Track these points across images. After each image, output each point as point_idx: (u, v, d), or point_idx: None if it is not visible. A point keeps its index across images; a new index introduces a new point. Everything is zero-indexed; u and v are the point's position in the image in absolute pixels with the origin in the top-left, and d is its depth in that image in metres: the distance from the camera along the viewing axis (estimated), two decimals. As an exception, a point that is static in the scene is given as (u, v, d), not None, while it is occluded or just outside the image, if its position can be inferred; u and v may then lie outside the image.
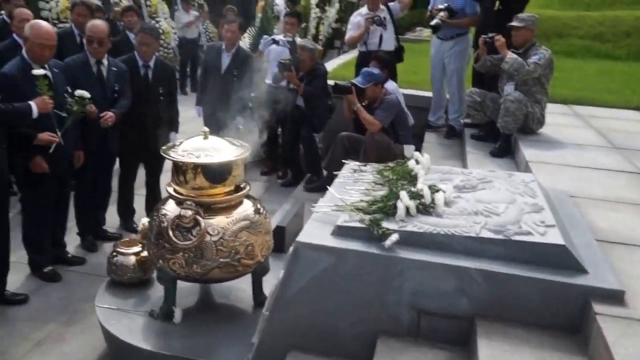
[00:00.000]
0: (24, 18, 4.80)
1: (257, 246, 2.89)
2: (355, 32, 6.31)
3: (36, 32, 3.72)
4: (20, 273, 4.13)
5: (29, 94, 3.65)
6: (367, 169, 3.07)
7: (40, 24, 3.88)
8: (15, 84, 3.66)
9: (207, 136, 2.91)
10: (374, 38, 6.08)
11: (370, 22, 6.01)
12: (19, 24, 4.79)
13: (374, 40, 6.08)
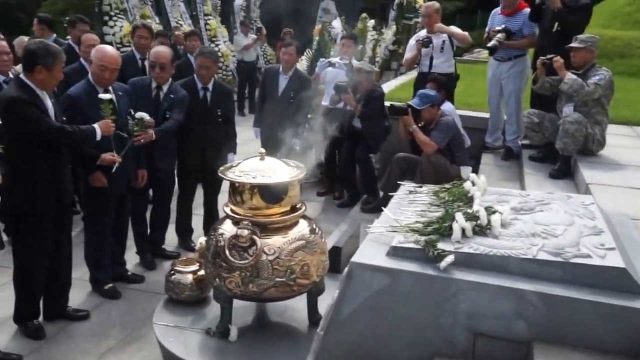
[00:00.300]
0: (90, 44, 5.00)
1: (313, 266, 2.90)
2: (409, 54, 6.36)
3: (99, 55, 3.90)
4: (82, 290, 4.26)
5: (92, 115, 3.80)
6: (423, 190, 3.06)
7: (105, 48, 4.07)
8: (80, 105, 3.86)
9: (263, 157, 2.97)
10: (425, 60, 6.08)
11: (420, 45, 6.03)
12: (86, 49, 5.01)
13: (425, 62, 6.08)
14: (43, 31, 6.35)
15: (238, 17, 13.73)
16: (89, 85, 3.96)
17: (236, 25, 13.23)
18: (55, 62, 3.39)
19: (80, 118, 3.78)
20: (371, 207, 5.70)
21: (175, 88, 4.62)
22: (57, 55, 3.41)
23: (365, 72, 5.91)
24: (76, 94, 3.90)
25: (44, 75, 3.38)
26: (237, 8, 13.95)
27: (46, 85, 3.44)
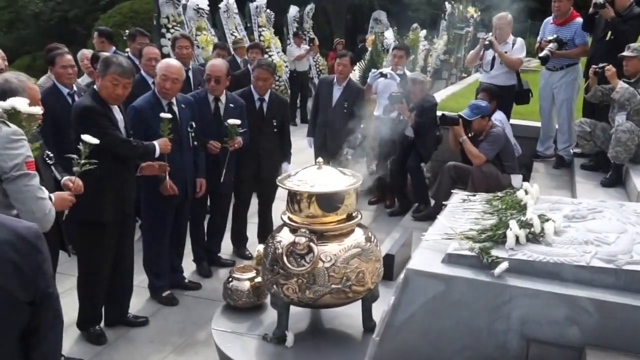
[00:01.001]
0: (152, 57, 5.14)
1: (368, 273, 2.95)
2: (471, 52, 6.46)
3: (162, 66, 4.09)
4: (140, 296, 4.38)
5: (155, 127, 3.96)
6: (476, 198, 3.09)
7: (169, 60, 4.27)
8: (143, 117, 4.01)
9: (321, 166, 3.05)
10: (486, 59, 6.04)
11: (483, 44, 6.00)
12: (147, 62, 5.13)
13: (486, 61, 6.03)
14: (103, 44, 6.50)
15: (291, 28, 13.95)
16: (154, 97, 4.12)
17: (289, 36, 13.44)
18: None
19: (142, 129, 3.95)
20: (422, 215, 5.74)
21: (233, 97, 4.75)
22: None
23: (419, 83, 5.98)
24: (140, 106, 4.06)
25: (98, 83, 3.57)
26: (290, 19, 14.17)
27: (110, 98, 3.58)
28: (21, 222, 1.49)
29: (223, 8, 10.81)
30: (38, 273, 1.44)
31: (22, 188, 2.53)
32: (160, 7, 8.30)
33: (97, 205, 3.56)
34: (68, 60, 4.72)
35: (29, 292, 1.43)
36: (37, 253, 1.44)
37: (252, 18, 12.08)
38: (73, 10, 22.03)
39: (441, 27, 14.32)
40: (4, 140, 2.48)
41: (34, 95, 2.91)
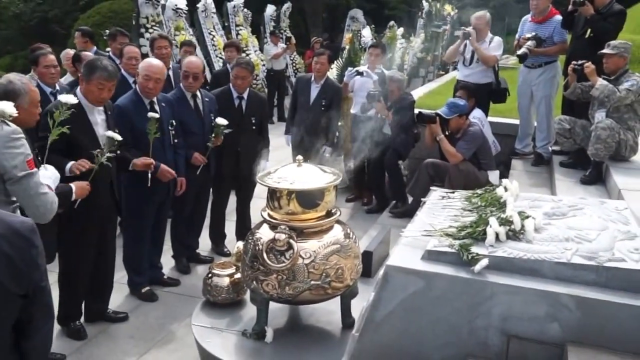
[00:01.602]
0: (132, 56, 5.18)
1: (347, 270, 2.97)
2: (450, 47, 6.42)
3: (144, 66, 4.11)
4: (120, 293, 4.37)
5: (138, 123, 4.00)
6: (455, 195, 3.11)
7: (151, 60, 4.29)
8: (127, 115, 4.02)
9: (300, 164, 3.05)
10: (467, 54, 6.06)
11: (462, 34, 5.99)
12: (127, 62, 5.17)
13: (467, 56, 6.05)
14: (86, 43, 6.53)
15: (268, 27, 13.95)
16: (136, 96, 4.14)
17: (266, 35, 13.44)
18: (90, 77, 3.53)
19: (128, 128, 3.96)
20: (400, 212, 5.76)
21: (205, 92, 4.80)
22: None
23: (396, 81, 5.99)
24: (124, 105, 4.08)
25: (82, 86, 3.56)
26: (267, 18, 14.16)
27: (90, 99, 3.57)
28: (17, 217, 1.56)
29: (201, 8, 10.79)
30: (32, 266, 1.49)
31: (27, 188, 2.62)
32: (140, 7, 8.28)
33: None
34: (51, 60, 4.78)
35: (22, 285, 1.47)
36: (31, 247, 1.49)
37: (229, 17, 12.06)
38: (53, 10, 22.07)
39: (418, 25, 14.41)
40: (5, 139, 2.52)
41: (34, 97, 2.95)
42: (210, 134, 4.59)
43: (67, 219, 3.52)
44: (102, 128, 3.66)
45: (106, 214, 3.81)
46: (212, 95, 4.88)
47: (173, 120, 4.31)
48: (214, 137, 4.58)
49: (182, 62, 4.75)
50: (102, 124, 3.67)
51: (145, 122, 3.99)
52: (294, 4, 16.69)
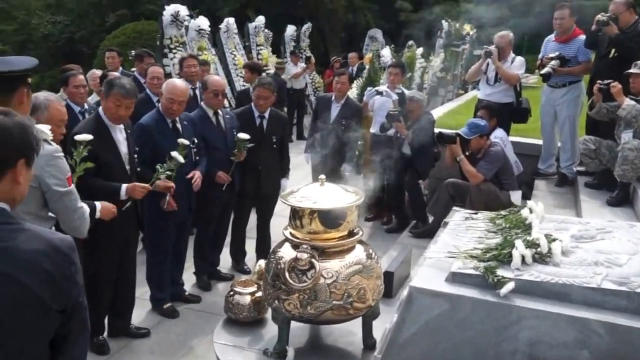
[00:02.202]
0: (155, 76, 5.35)
1: (369, 290, 2.93)
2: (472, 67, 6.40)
3: (169, 88, 4.17)
4: (143, 308, 4.41)
5: (161, 143, 4.07)
6: (479, 217, 3.08)
7: (175, 81, 4.36)
8: (150, 134, 4.10)
9: (323, 183, 3.05)
10: (489, 72, 6.03)
11: (484, 52, 5.98)
12: (151, 81, 5.34)
13: (490, 75, 6.02)
14: (115, 61, 6.81)
15: (288, 47, 14.09)
16: (159, 115, 4.22)
17: (286, 55, 13.57)
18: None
19: (150, 146, 4.05)
20: (420, 232, 5.71)
21: (225, 110, 4.89)
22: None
23: (416, 101, 5.99)
24: (147, 123, 4.15)
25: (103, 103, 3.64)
26: (287, 38, 14.32)
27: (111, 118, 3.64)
28: (56, 234, 1.58)
29: (223, 28, 10.96)
30: (71, 283, 1.52)
31: (66, 204, 2.71)
32: (164, 28, 8.45)
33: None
34: (80, 81, 4.94)
35: (61, 301, 1.50)
36: (70, 264, 1.52)
37: (250, 37, 12.20)
38: (80, 31, 22.83)
39: (437, 44, 14.41)
40: (47, 158, 2.60)
41: (54, 114, 3.03)
42: (232, 149, 4.66)
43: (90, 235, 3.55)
44: (124, 146, 3.73)
45: (128, 230, 3.85)
46: (232, 113, 4.96)
47: (195, 138, 4.36)
48: (237, 151, 4.65)
49: (206, 81, 4.81)
50: (123, 142, 3.74)
51: (167, 141, 4.07)
52: (313, 24, 16.85)
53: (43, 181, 2.61)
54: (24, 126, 1.52)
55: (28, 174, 1.56)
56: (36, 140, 1.56)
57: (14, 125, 1.49)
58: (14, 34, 26.26)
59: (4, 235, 1.45)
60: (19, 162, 1.50)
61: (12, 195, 1.53)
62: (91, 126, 3.59)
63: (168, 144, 4.04)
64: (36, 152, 1.56)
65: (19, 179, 1.52)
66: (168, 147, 4.03)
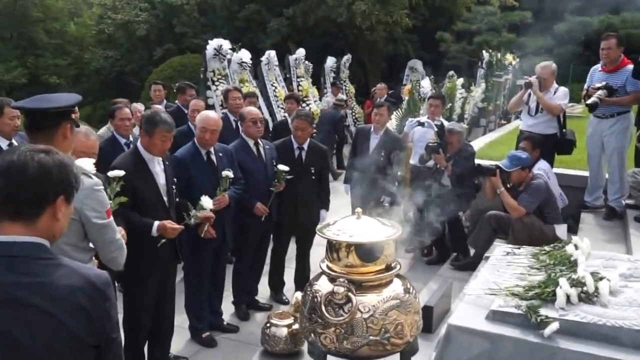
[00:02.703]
0: (196, 109, 5.48)
1: (407, 326, 2.86)
2: (514, 97, 6.32)
3: (201, 118, 4.28)
4: (181, 337, 4.42)
5: (195, 174, 4.18)
6: (521, 252, 2.99)
7: (207, 112, 4.46)
8: (185, 166, 4.18)
9: (360, 216, 3.02)
10: (531, 103, 5.93)
11: (524, 83, 5.91)
12: (192, 114, 5.47)
13: (532, 105, 5.93)
14: (160, 94, 7.01)
15: (328, 78, 14.23)
16: (194, 147, 4.30)
17: (326, 86, 13.70)
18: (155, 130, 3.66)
19: (185, 178, 4.12)
20: (461, 265, 5.60)
21: (264, 141, 4.94)
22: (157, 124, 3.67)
23: (456, 133, 5.91)
24: (182, 156, 4.24)
25: (144, 140, 3.69)
26: (327, 69, 14.48)
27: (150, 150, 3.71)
28: (93, 270, 1.61)
29: (264, 61, 11.19)
30: (105, 319, 1.54)
31: (105, 236, 2.76)
32: (208, 61, 8.70)
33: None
34: (126, 114, 5.13)
35: (96, 336, 1.52)
36: (105, 300, 1.54)
37: (291, 69, 12.40)
38: (129, 65, 23.89)
39: (479, 74, 14.33)
40: (88, 191, 2.65)
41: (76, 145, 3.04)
42: (272, 180, 4.72)
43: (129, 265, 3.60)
44: (162, 178, 3.79)
45: (167, 260, 3.89)
46: (271, 144, 5.02)
47: (231, 170, 4.40)
48: (277, 182, 4.71)
49: (242, 112, 4.89)
50: (161, 174, 3.79)
51: (202, 173, 4.19)
52: (353, 55, 17.01)
53: (83, 214, 2.66)
54: (64, 164, 1.57)
55: (67, 210, 1.61)
56: (75, 178, 1.60)
57: (54, 163, 1.54)
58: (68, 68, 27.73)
59: (42, 271, 1.49)
60: (58, 199, 1.55)
61: (52, 231, 1.57)
62: (129, 160, 3.66)
63: (203, 176, 4.16)
64: (75, 188, 1.61)
65: (57, 216, 1.56)
66: (203, 179, 4.14)
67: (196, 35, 21.61)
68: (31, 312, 1.44)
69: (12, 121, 4.29)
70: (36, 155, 1.53)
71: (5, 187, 1.50)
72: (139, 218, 3.60)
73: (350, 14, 18.19)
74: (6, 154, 1.56)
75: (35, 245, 1.51)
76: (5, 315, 1.44)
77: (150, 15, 23.58)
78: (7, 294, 1.45)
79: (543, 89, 5.77)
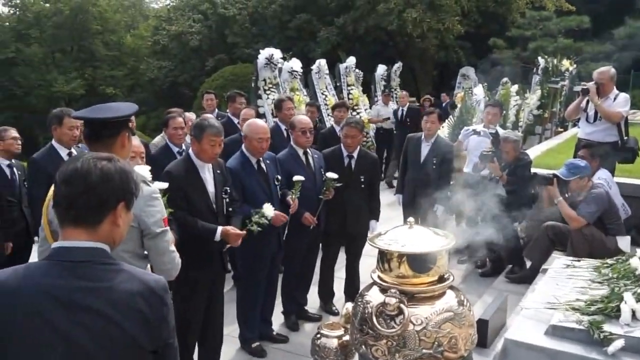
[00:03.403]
0: (246, 118, 5.46)
1: (461, 339, 2.79)
2: (571, 105, 6.15)
3: (252, 128, 4.29)
4: (231, 346, 4.43)
5: (247, 184, 4.21)
6: (582, 264, 2.88)
7: (256, 121, 4.47)
8: (237, 175, 4.21)
9: (412, 226, 2.97)
10: (590, 110, 5.74)
11: (581, 91, 5.73)
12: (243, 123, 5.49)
13: (590, 112, 5.74)
14: (212, 103, 7.17)
15: (379, 86, 14.19)
16: (243, 156, 4.33)
17: (377, 94, 13.66)
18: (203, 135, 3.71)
19: (238, 187, 4.17)
20: (517, 277, 5.45)
21: (313, 150, 4.94)
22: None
23: (512, 142, 5.74)
24: (234, 167, 4.27)
25: (195, 146, 3.74)
26: (378, 78, 14.45)
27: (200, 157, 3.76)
28: (151, 276, 1.63)
29: (315, 69, 11.27)
30: (163, 324, 1.55)
31: (160, 244, 2.79)
32: (259, 70, 8.83)
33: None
34: (179, 123, 5.24)
35: (153, 341, 1.54)
36: (163, 305, 1.56)
37: (341, 78, 12.43)
38: (182, 75, 24.57)
39: (534, 81, 13.97)
40: (146, 198, 2.69)
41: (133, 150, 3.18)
42: (321, 189, 4.71)
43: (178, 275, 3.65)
44: (211, 185, 3.82)
45: (215, 271, 3.90)
46: (320, 153, 5.01)
47: (278, 176, 4.46)
48: (326, 190, 4.70)
49: (292, 121, 4.89)
50: (211, 182, 3.83)
51: (254, 181, 4.23)
52: (404, 63, 16.90)
53: (142, 220, 2.70)
54: (125, 171, 1.60)
55: (127, 216, 1.64)
56: (135, 185, 1.63)
57: (116, 170, 1.58)
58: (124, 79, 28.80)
59: (103, 275, 1.52)
60: (119, 206, 1.58)
61: (112, 237, 1.60)
62: (182, 166, 3.73)
63: (255, 185, 4.21)
64: (135, 195, 1.64)
65: (118, 222, 1.59)
66: (255, 188, 4.18)
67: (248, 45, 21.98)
68: (93, 317, 1.47)
69: (71, 131, 4.43)
70: (99, 162, 1.57)
71: (69, 194, 1.54)
72: (202, 223, 3.66)
73: (401, 21, 18.10)
74: (70, 162, 1.60)
75: (97, 251, 1.54)
76: (69, 319, 1.47)
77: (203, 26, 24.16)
78: (71, 299, 1.48)
79: (602, 95, 5.56)
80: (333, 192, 4.73)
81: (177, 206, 3.43)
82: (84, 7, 28.22)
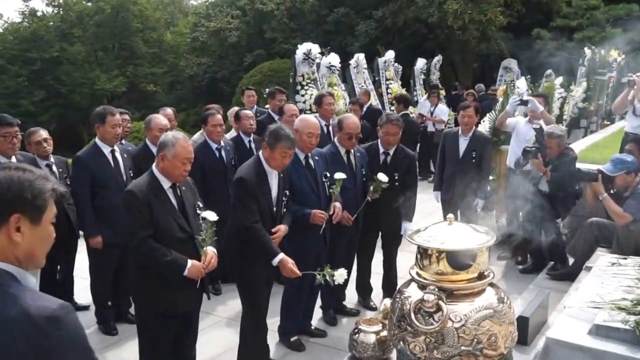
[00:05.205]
0: (292, 114, 5.59)
1: (501, 337, 2.76)
2: (618, 98, 6.01)
3: (303, 123, 4.28)
4: (270, 339, 4.36)
5: (294, 179, 4.21)
6: (628, 262, 2.80)
7: (307, 117, 4.47)
8: (284, 170, 4.12)
9: (451, 222, 2.94)
10: (638, 102, 5.56)
11: (628, 83, 5.58)
12: (288, 119, 5.53)
13: (638, 105, 5.56)
14: (252, 100, 7.32)
15: (418, 80, 14.06)
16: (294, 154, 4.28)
17: (416, 88, 13.53)
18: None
19: (289, 186, 4.16)
20: (559, 274, 5.34)
21: (356, 148, 4.87)
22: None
23: (556, 137, 5.59)
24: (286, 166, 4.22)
25: (266, 152, 3.79)
26: (417, 71, 14.30)
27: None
28: (41, 301, 1.40)
29: (353, 64, 11.23)
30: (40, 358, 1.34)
31: None
32: (297, 66, 8.85)
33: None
34: (218, 120, 5.31)
35: None
36: (43, 337, 1.34)
37: (380, 72, 12.35)
38: (221, 71, 24.89)
39: (579, 72, 13.59)
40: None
41: (179, 152, 3.26)
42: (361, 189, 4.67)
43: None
44: (275, 190, 3.89)
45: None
46: (363, 150, 4.95)
47: (327, 172, 4.43)
48: (374, 192, 4.63)
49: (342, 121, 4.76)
50: (275, 187, 3.90)
51: (301, 178, 4.23)
52: (444, 55, 16.67)
53: None
54: (21, 181, 1.43)
55: (35, 231, 1.46)
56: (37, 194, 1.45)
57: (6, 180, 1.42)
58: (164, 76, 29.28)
59: None
60: (11, 218, 1.42)
61: (14, 254, 1.43)
62: (253, 171, 3.78)
63: (303, 181, 4.23)
64: (38, 207, 1.46)
65: (14, 237, 1.42)
66: (303, 184, 4.21)
67: (285, 40, 22.05)
68: None
69: (114, 129, 4.51)
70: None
71: None
72: (267, 242, 3.73)
73: (442, 13, 17.80)
74: None
75: None
76: None
77: (241, 22, 24.34)
78: None
79: None
80: (379, 194, 4.65)
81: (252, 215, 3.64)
82: (124, 5, 28.85)
